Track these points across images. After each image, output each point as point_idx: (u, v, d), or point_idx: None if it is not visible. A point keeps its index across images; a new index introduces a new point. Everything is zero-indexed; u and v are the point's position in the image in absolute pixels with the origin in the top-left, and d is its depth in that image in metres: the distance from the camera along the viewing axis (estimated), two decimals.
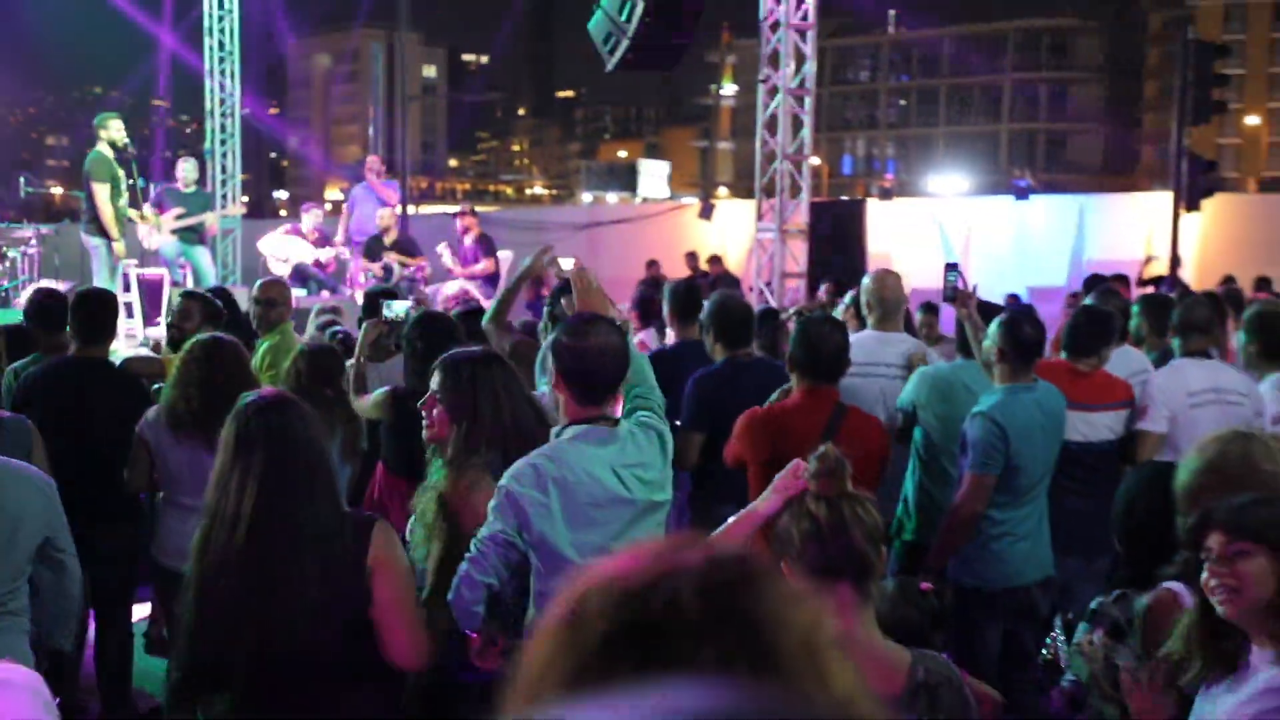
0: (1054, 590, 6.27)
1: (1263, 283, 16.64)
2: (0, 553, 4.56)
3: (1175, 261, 18.73)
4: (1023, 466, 6.12)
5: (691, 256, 20.73)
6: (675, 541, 1.46)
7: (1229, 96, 20.59)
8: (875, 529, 3.37)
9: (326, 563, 4.04)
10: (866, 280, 8.08)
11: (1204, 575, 3.41)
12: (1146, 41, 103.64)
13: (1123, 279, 13.79)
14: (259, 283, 9.34)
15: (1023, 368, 6.29)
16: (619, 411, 4.71)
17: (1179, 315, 7.70)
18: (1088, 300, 8.93)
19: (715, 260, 20.20)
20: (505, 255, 16.82)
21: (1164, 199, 20.84)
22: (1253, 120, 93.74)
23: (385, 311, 7.88)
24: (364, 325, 8.09)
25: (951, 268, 7.54)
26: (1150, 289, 15.32)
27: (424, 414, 4.79)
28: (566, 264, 6.62)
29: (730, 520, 3.94)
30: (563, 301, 7.65)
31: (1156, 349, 8.25)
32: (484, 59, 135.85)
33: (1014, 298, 14.02)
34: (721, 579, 1.37)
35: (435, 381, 4.77)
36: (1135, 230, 22.10)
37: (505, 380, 4.77)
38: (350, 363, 7.52)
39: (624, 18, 14.51)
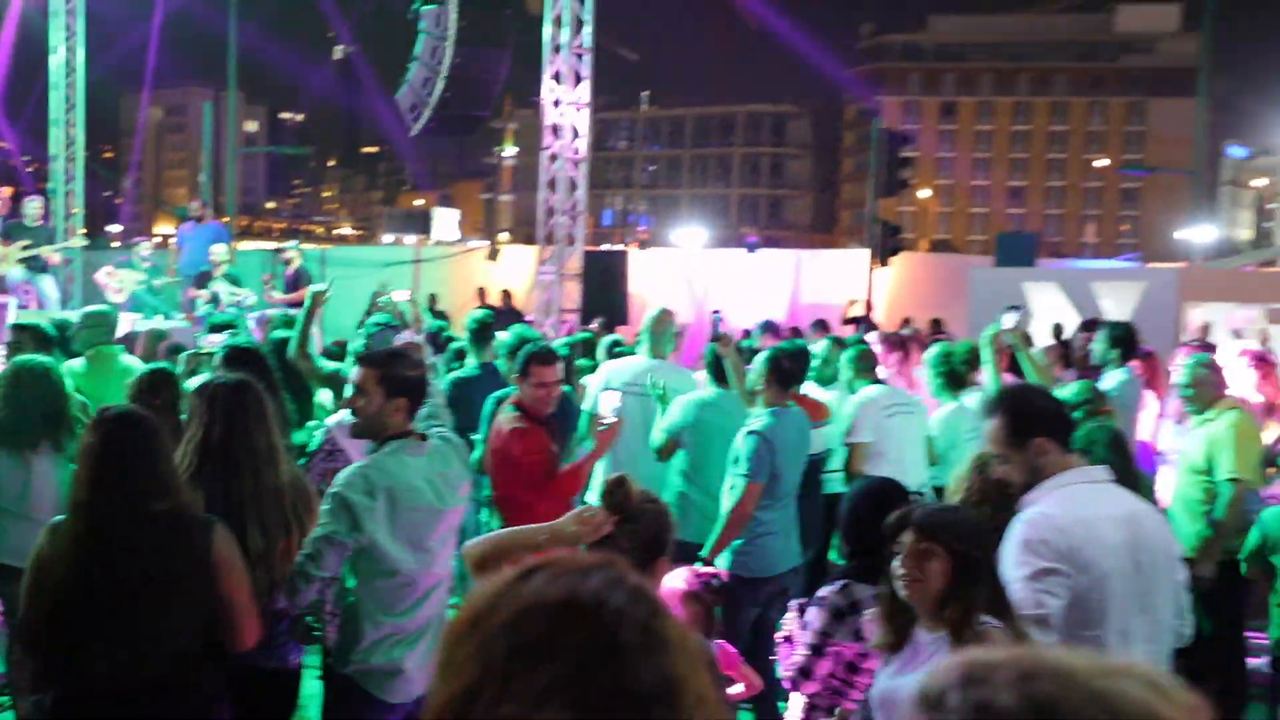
0: (800, 575, 6.37)
1: (936, 323, 17.15)
2: None
3: (869, 306, 19.23)
4: (783, 474, 6.21)
5: (481, 293, 20.55)
6: (580, 561, 1.38)
7: (908, 174, 21.15)
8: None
9: (173, 561, 3.84)
10: (647, 316, 8.12)
11: (894, 564, 3.49)
12: (844, 126, 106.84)
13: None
14: (82, 311, 8.94)
15: (783, 393, 6.40)
16: None
17: (854, 358, 8.01)
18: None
19: (506, 296, 20.08)
20: (318, 287, 16.42)
21: (862, 255, 21.38)
22: (925, 193, 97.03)
23: (200, 343, 7.63)
24: (183, 355, 7.82)
25: (716, 313, 7.73)
26: (851, 328, 15.72)
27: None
28: (401, 296, 6.54)
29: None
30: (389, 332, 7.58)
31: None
32: (299, 116, 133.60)
33: (795, 330, 14.15)
34: (641, 607, 1.31)
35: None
36: (839, 280, 22.65)
37: (250, 406, 4.52)
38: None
39: (427, 92, 14.41)
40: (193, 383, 7.41)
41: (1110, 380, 8.17)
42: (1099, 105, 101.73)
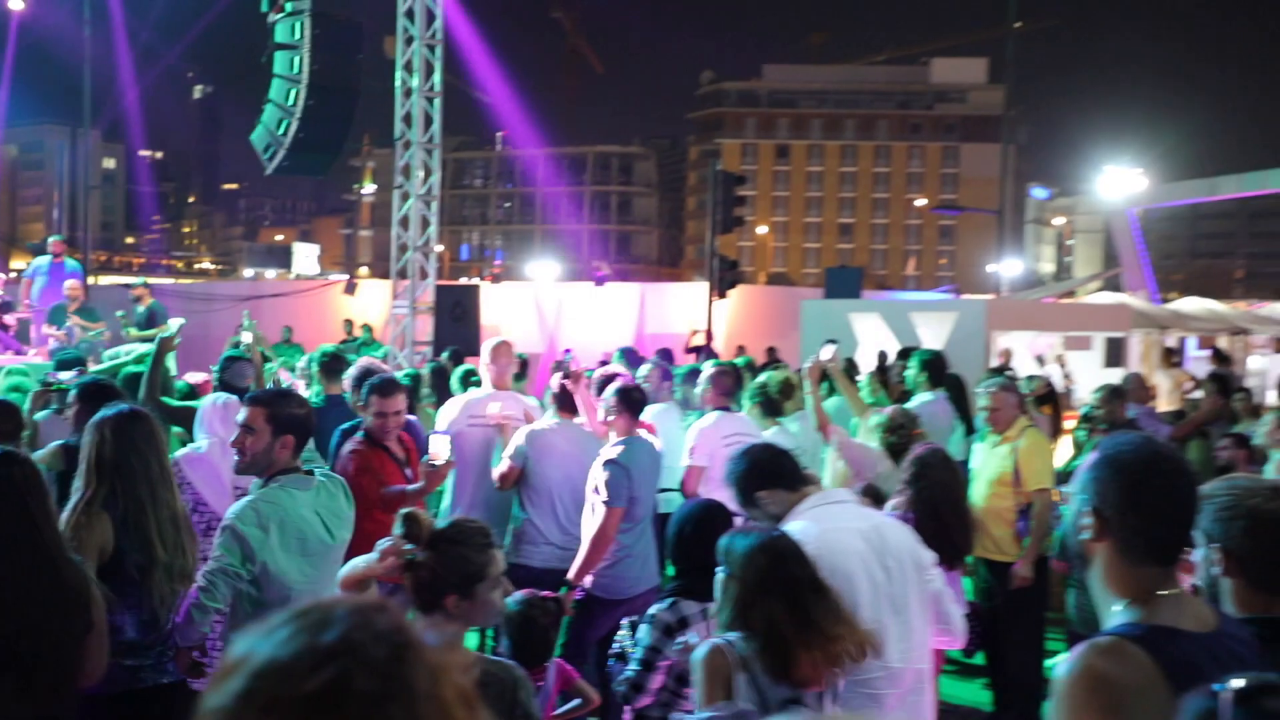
0: (657, 595, 6.31)
1: (770, 352, 17.34)
2: None
3: (709, 336, 19.38)
4: (639, 498, 6.20)
5: (348, 324, 20.24)
6: (330, 606, 1.30)
7: (745, 212, 21.40)
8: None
9: (61, 595, 3.69)
10: (484, 349, 8.02)
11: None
12: (687, 167, 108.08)
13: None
14: None
15: (634, 423, 6.39)
16: None
17: (709, 382, 7.89)
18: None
19: (367, 329, 19.75)
20: (175, 323, 15.98)
21: (702, 288, 21.56)
22: (762, 229, 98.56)
23: (49, 378, 7.36)
24: (31, 391, 7.52)
25: (567, 351, 7.71)
26: (693, 356, 15.79)
27: None
28: (247, 338, 6.37)
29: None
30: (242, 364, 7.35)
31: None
32: (159, 154, 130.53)
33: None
34: (383, 650, 1.24)
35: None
36: (682, 311, 22.83)
37: (144, 433, 4.44)
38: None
39: (281, 133, 14.14)
40: (39, 416, 7.13)
41: (919, 403, 8.38)
42: (917, 149, 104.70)
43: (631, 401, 6.38)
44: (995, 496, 7.03)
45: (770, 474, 4.10)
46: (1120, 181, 33.60)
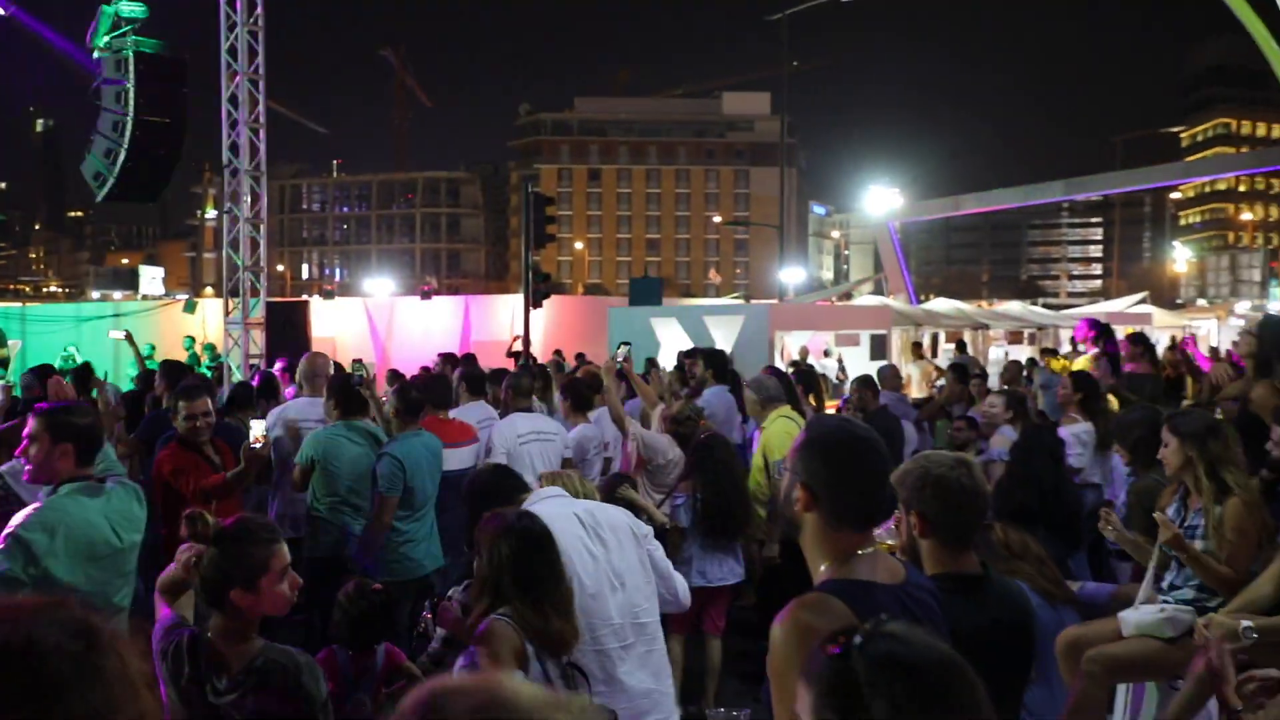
0: (447, 576, 6.27)
1: (580, 356, 17.35)
2: None
3: (527, 342, 19.32)
4: (416, 488, 6.17)
5: (190, 340, 19.44)
6: (25, 605, 1.28)
7: (555, 230, 21.44)
8: None
9: None
10: (302, 361, 7.85)
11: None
12: (509, 189, 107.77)
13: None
14: None
15: (411, 420, 6.37)
16: None
17: (510, 384, 7.87)
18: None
19: (210, 347, 18.99)
20: (13, 344, 15.30)
21: (519, 299, 21.50)
22: (578, 245, 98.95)
23: None
24: None
25: (357, 362, 7.60)
26: (512, 361, 15.71)
27: None
28: (118, 334, 6.08)
29: None
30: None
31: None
32: (3, 184, 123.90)
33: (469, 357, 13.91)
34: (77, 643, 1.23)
35: None
36: (503, 320, 22.74)
37: None
38: None
39: (110, 162, 13.57)
40: None
41: (706, 397, 8.50)
42: (713, 172, 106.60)
43: (409, 401, 6.45)
44: (755, 477, 7.09)
45: (490, 493, 4.18)
46: (882, 199, 34.91)
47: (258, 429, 5.64)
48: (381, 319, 23.73)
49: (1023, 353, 21.24)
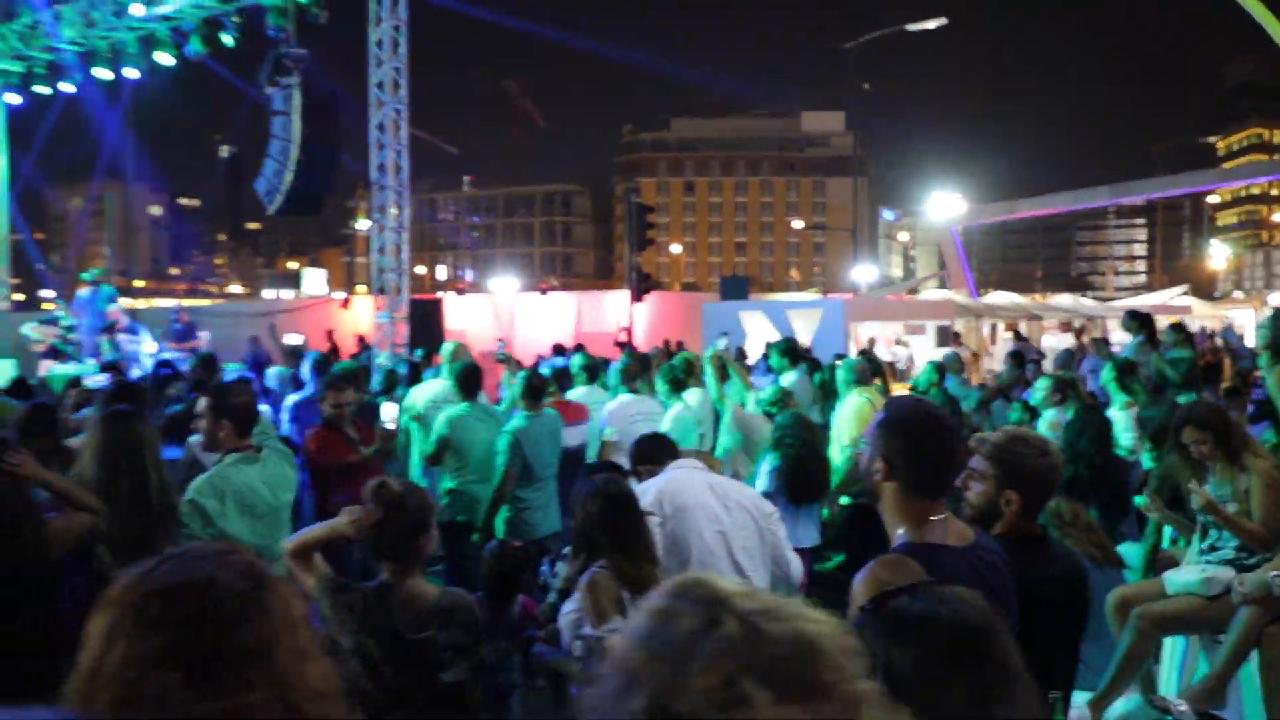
0: (559, 540, 6.20)
1: (679, 344, 17.32)
2: None
3: (631, 333, 19.39)
4: (534, 462, 6.17)
5: (330, 334, 19.84)
6: (203, 549, 1.33)
7: (659, 235, 21.43)
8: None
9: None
10: (445, 348, 7.94)
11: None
12: (614, 200, 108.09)
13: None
14: None
15: (535, 402, 6.36)
16: None
17: (620, 370, 7.87)
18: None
19: (360, 339, 19.35)
20: (203, 335, 15.76)
21: (625, 296, 21.55)
22: (676, 249, 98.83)
23: (85, 382, 7.17)
24: (70, 393, 7.31)
25: (500, 341, 7.67)
26: (618, 350, 15.76)
27: None
28: (295, 339, 6.25)
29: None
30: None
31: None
32: (196, 201, 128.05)
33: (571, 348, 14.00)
34: (245, 583, 1.26)
35: None
36: (610, 314, 22.81)
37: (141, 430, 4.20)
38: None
39: (280, 181, 13.93)
40: (82, 413, 6.95)
41: (788, 380, 8.41)
42: (793, 183, 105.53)
43: (532, 386, 6.42)
44: (838, 452, 7.05)
45: (647, 455, 4.31)
46: (944, 205, 34.09)
47: (389, 413, 5.74)
48: (505, 313, 23.96)
49: (1072, 340, 20.64)
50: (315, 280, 52.12)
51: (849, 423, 6.93)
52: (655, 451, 4.36)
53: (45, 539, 3.67)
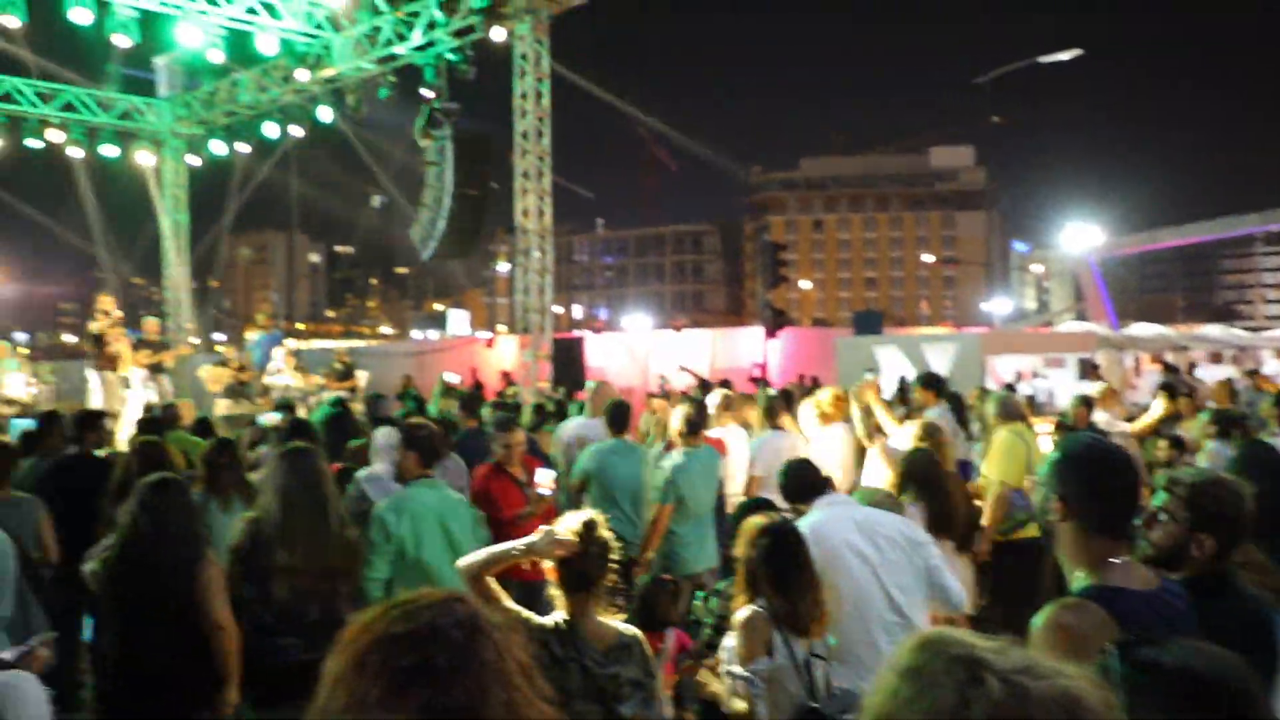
0: (715, 575, 6.16)
1: (815, 380, 17.09)
2: None
3: (764, 368, 19.23)
4: (689, 497, 6.11)
5: (474, 372, 20.35)
6: (424, 599, 1.32)
7: (786, 272, 21.26)
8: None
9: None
10: (589, 385, 8.02)
11: None
12: (744, 238, 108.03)
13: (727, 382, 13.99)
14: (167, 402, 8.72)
15: (693, 438, 6.33)
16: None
17: (764, 408, 7.75)
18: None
19: (505, 375, 19.82)
20: (362, 374, 16.34)
21: (759, 332, 21.40)
22: (805, 285, 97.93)
23: (259, 420, 7.48)
24: (245, 430, 7.69)
25: (662, 377, 7.63)
26: (753, 385, 15.62)
27: None
28: (452, 378, 6.43)
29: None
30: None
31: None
32: (350, 249, 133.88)
33: (723, 383, 13.99)
34: (460, 633, 1.26)
35: None
36: (743, 350, 22.68)
37: (316, 464, 4.36)
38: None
39: (433, 229, 14.40)
40: (261, 451, 7.27)
41: (929, 416, 8.16)
42: (923, 218, 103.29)
43: (690, 422, 6.35)
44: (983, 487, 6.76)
45: (799, 487, 4.20)
46: (1080, 235, 32.81)
47: (545, 479, 5.51)
48: (640, 350, 24.09)
49: (1225, 373, 19.47)
50: (459, 320, 53.71)
51: (998, 460, 6.64)
52: (803, 489, 4.24)
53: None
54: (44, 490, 5.74)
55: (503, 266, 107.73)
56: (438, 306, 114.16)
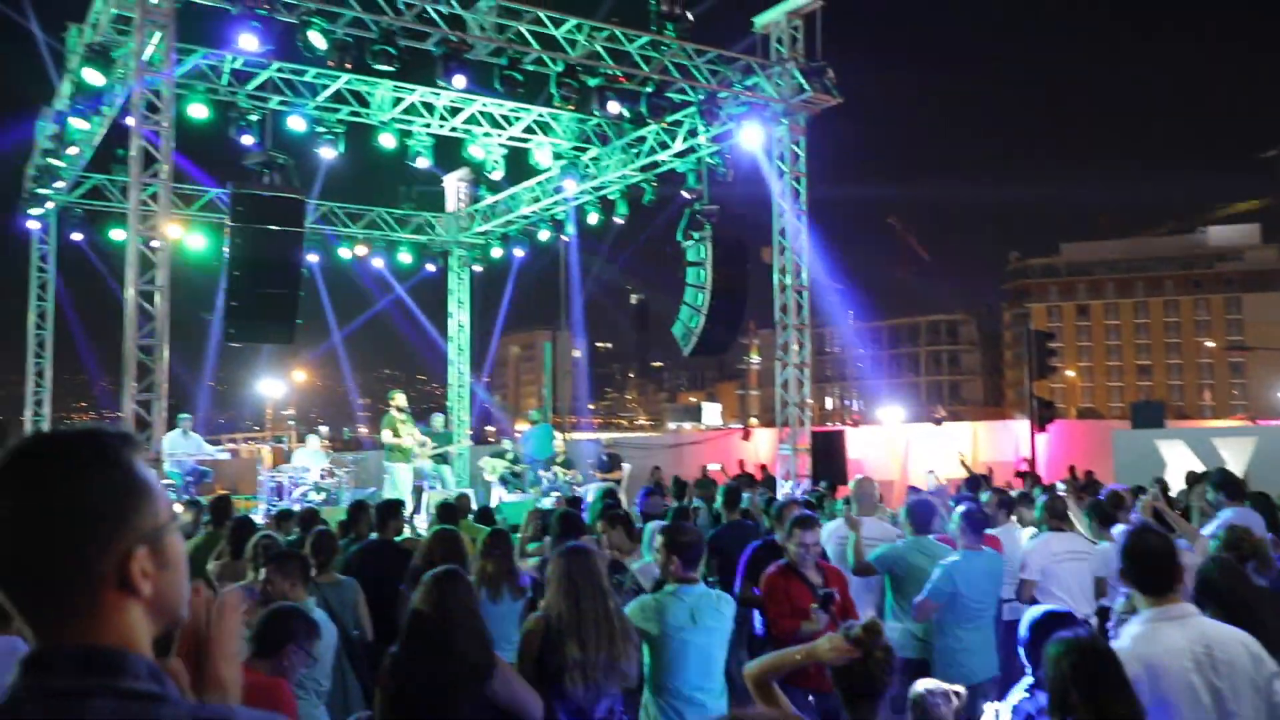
0: (997, 685, 5.68)
1: (1089, 475, 15.92)
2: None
3: (1033, 463, 18.14)
4: (968, 600, 5.80)
5: (741, 464, 20.40)
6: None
7: (1055, 362, 20.11)
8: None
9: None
10: (852, 483, 7.82)
11: None
12: (1002, 327, 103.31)
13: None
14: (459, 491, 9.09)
15: (975, 539, 6.01)
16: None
17: (1044, 506, 7.25)
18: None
19: (763, 468, 19.72)
20: (626, 467, 16.70)
21: (1024, 424, 20.28)
22: (1070, 374, 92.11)
23: (539, 505, 7.75)
24: (527, 515, 8.06)
25: (930, 472, 7.40)
26: (1020, 481, 14.73)
27: None
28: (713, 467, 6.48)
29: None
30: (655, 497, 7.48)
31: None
32: (610, 345, 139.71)
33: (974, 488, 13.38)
34: None
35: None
36: (1007, 443, 21.53)
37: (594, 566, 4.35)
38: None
39: (694, 325, 14.72)
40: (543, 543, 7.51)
41: (1228, 517, 7.32)
42: (1202, 301, 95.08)
43: (973, 521, 6.00)
44: None
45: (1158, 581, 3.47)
46: None
47: (819, 616, 5.22)
48: (899, 443, 23.37)
49: None
50: (712, 412, 54.46)
51: None
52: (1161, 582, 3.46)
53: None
54: (353, 573, 6.19)
55: (755, 359, 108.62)
56: (692, 399, 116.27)
